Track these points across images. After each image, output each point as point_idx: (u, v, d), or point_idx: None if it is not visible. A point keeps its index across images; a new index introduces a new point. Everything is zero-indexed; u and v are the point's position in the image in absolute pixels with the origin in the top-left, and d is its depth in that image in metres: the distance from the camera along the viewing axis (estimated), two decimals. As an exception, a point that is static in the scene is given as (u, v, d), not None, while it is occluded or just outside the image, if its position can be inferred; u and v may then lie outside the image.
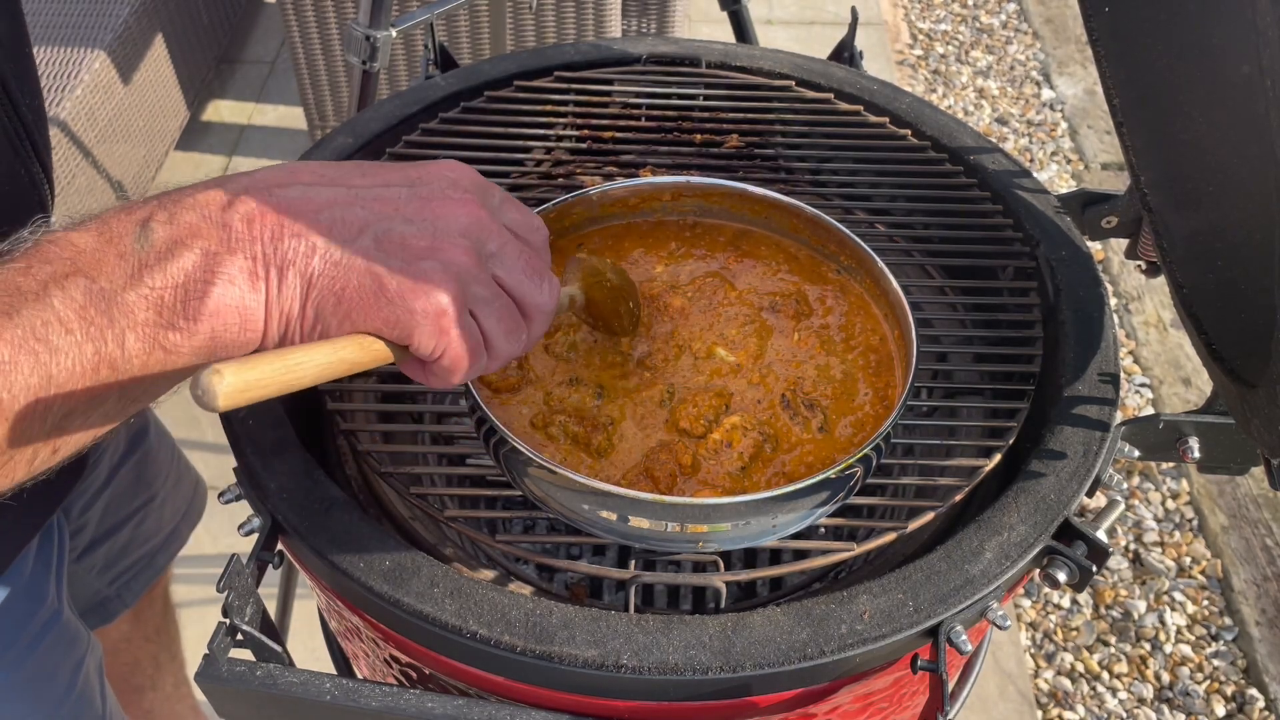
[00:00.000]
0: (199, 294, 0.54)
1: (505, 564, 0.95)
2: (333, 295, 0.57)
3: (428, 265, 0.58)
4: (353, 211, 0.58)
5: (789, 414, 0.84)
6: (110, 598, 1.29)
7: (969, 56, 3.60)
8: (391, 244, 0.58)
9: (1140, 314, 2.66)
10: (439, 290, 0.58)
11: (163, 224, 0.55)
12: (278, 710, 0.71)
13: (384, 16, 1.55)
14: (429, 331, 0.59)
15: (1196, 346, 0.78)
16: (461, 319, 0.60)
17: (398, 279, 0.57)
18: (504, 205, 0.66)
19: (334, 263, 0.57)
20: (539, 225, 0.69)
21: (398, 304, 0.58)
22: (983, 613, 0.75)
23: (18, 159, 0.80)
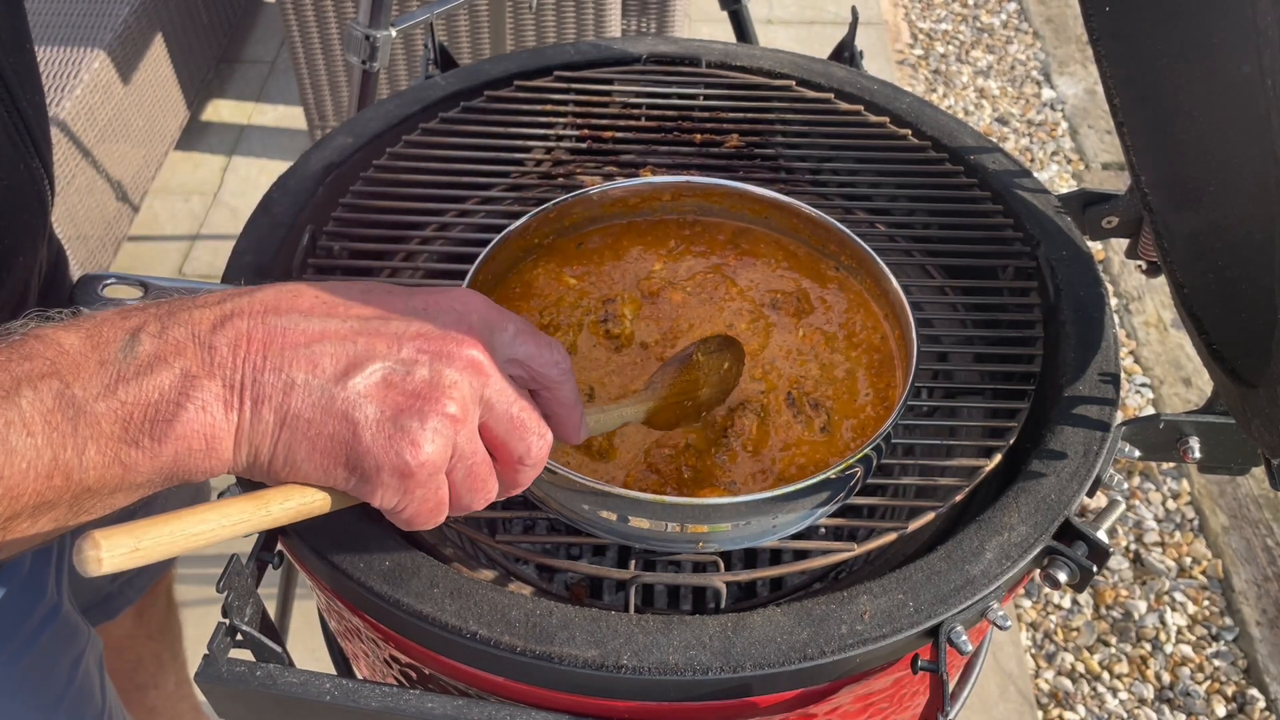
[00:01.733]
0: (168, 416, 0.53)
1: (505, 564, 0.95)
2: (305, 439, 0.55)
3: (410, 423, 0.55)
4: (345, 347, 0.55)
5: (793, 412, 0.84)
6: (113, 594, 1.29)
7: (969, 56, 3.60)
8: (379, 389, 0.55)
9: (1140, 314, 2.66)
10: (416, 451, 0.55)
11: (152, 336, 0.54)
12: (278, 710, 0.71)
13: (384, 16, 1.55)
14: (393, 491, 0.57)
15: (1197, 346, 0.78)
16: (431, 481, 0.58)
17: (374, 432, 0.55)
18: (518, 339, 0.61)
19: (312, 404, 0.54)
20: (558, 359, 0.63)
21: (367, 460, 0.55)
22: (983, 613, 0.75)
23: (17, 154, 0.80)
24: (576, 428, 0.67)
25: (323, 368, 0.54)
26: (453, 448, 0.58)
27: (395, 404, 0.55)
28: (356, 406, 0.54)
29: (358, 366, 0.55)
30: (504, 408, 0.59)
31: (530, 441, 0.61)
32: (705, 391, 0.82)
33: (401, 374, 0.55)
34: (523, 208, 1.04)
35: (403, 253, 1.06)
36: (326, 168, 1.06)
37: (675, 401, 0.80)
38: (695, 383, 0.81)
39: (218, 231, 2.86)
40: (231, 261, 0.96)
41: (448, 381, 0.56)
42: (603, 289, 0.94)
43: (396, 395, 0.55)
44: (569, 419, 0.66)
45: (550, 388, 0.64)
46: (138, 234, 2.81)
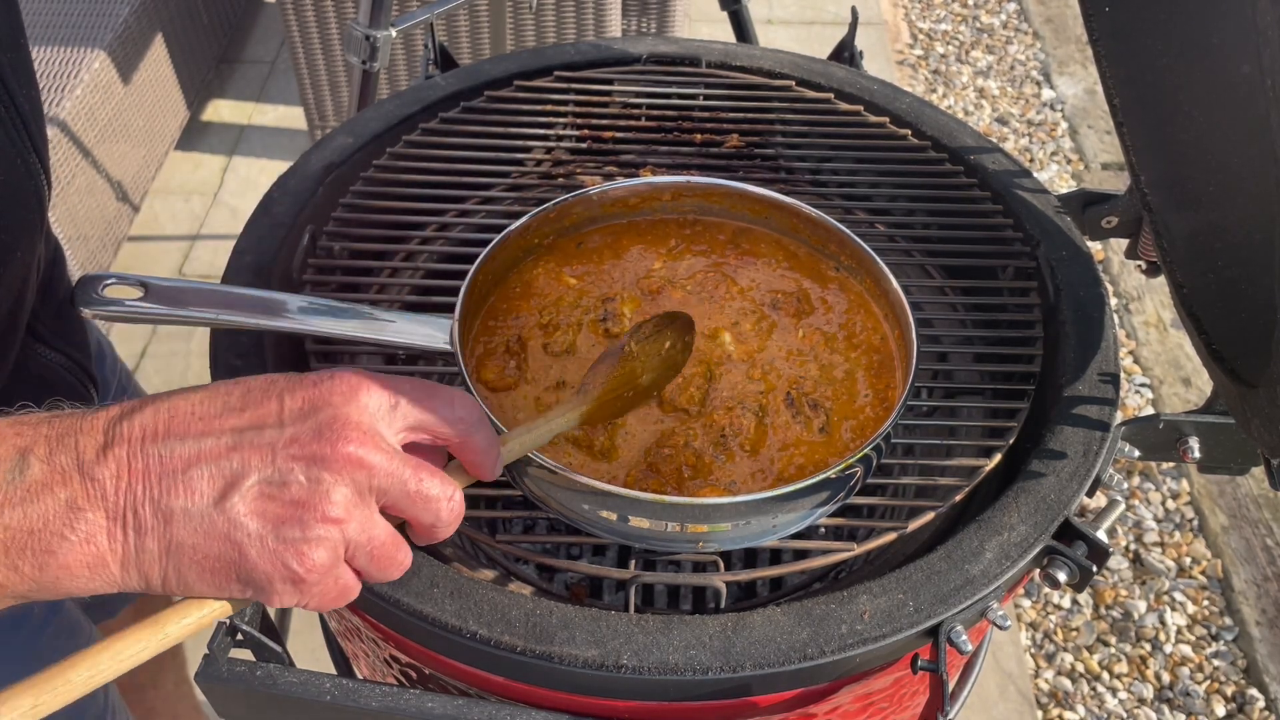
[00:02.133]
0: (50, 546, 0.54)
1: (505, 564, 0.95)
2: (193, 564, 0.56)
3: (293, 533, 0.56)
4: (221, 467, 0.56)
5: (791, 412, 0.85)
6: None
7: (969, 56, 3.60)
8: (258, 504, 0.56)
9: (1140, 314, 2.66)
10: (302, 559, 0.57)
11: (40, 461, 0.55)
12: (278, 710, 0.71)
13: (384, 16, 1.55)
14: (290, 595, 0.58)
15: (1196, 346, 0.78)
16: (325, 575, 0.58)
17: (259, 549, 0.56)
18: (410, 410, 0.61)
19: (194, 530, 0.56)
20: (460, 415, 0.63)
21: (257, 575, 0.57)
22: (983, 613, 0.75)
23: (14, 149, 0.80)
24: (492, 468, 0.67)
25: (201, 492, 0.55)
26: (344, 544, 0.58)
27: (276, 516, 0.56)
28: (238, 527, 0.56)
29: (234, 486, 0.56)
30: (399, 489, 0.60)
31: (437, 509, 0.62)
32: (646, 378, 0.81)
33: (278, 485, 0.56)
34: (523, 208, 1.04)
35: (403, 253, 1.06)
36: (326, 168, 1.06)
37: (613, 397, 0.79)
38: (632, 373, 0.80)
39: (218, 231, 2.86)
40: (232, 261, 0.96)
41: (325, 486, 0.56)
42: (602, 288, 0.94)
43: (276, 507, 0.56)
44: (483, 464, 0.66)
45: (457, 443, 0.64)
46: (138, 234, 2.82)
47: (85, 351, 0.95)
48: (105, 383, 1.10)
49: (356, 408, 0.59)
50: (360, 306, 0.81)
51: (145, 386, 1.55)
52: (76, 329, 0.99)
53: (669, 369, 0.83)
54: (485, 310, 0.92)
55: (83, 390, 0.93)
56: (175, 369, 2.53)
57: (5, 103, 0.79)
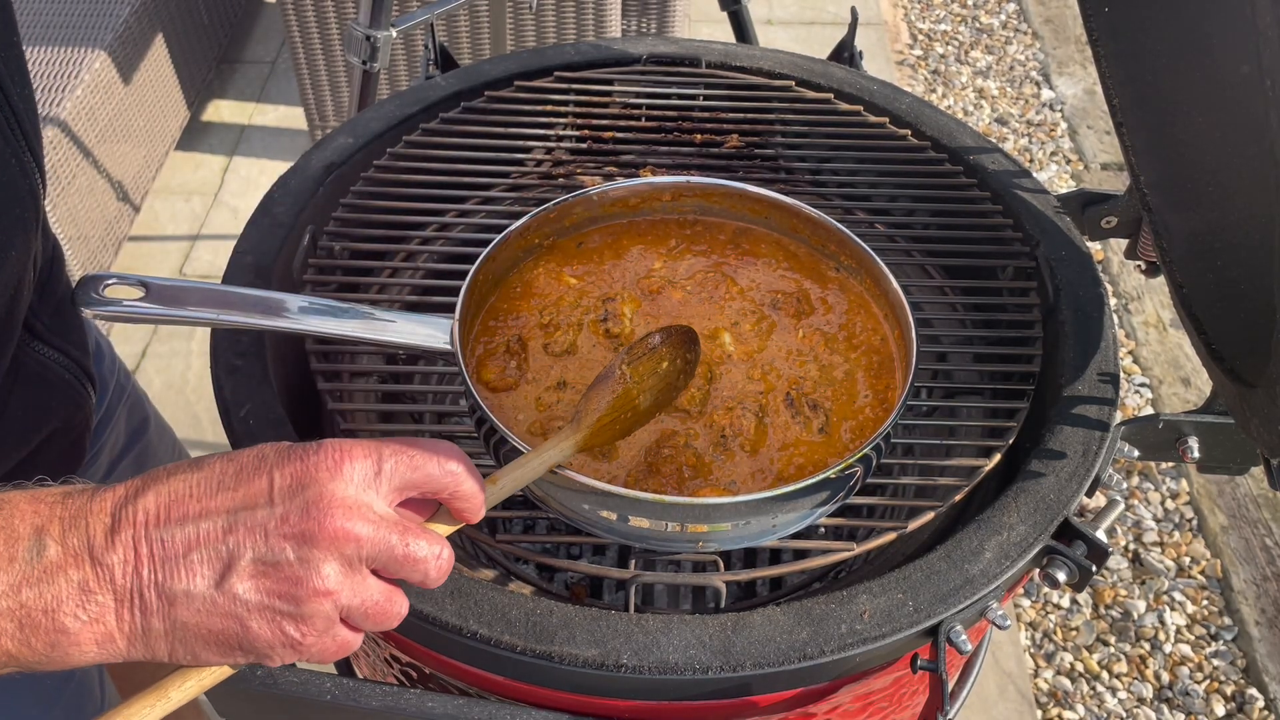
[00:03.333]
0: (61, 626, 0.58)
1: (505, 563, 0.95)
2: (197, 639, 0.60)
3: (288, 607, 0.60)
4: (218, 550, 0.59)
5: (791, 412, 0.85)
6: None
7: (969, 57, 3.60)
8: (255, 581, 0.60)
9: (1140, 314, 2.66)
10: (299, 626, 0.61)
11: (55, 542, 0.59)
12: (278, 710, 0.72)
13: (384, 16, 1.56)
14: (291, 656, 0.62)
15: (1196, 346, 0.78)
16: (322, 639, 0.62)
17: (259, 622, 0.60)
18: (395, 472, 0.63)
19: (196, 611, 0.59)
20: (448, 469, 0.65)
21: (260, 645, 0.61)
22: (982, 612, 0.75)
23: (8, 147, 0.80)
24: (478, 514, 0.69)
25: (201, 574, 0.59)
26: (338, 610, 0.62)
27: (272, 591, 0.60)
28: (238, 603, 0.60)
29: (231, 567, 0.59)
30: (386, 556, 0.62)
31: (425, 569, 0.64)
32: (644, 400, 0.78)
33: (272, 564, 0.60)
34: (523, 208, 1.04)
35: (403, 253, 1.07)
36: (327, 168, 1.06)
37: (609, 422, 0.77)
38: (629, 396, 0.78)
39: (218, 232, 2.86)
40: (232, 262, 0.96)
41: (315, 562, 0.60)
42: (603, 288, 0.95)
43: (271, 583, 0.60)
44: (471, 511, 0.68)
45: (446, 495, 0.66)
46: (138, 234, 2.82)
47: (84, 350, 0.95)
48: (103, 381, 1.10)
49: (342, 481, 0.61)
50: (360, 306, 0.81)
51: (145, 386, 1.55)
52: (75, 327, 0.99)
53: (669, 389, 0.81)
54: (485, 310, 0.92)
55: (80, 388, 0.93)
56: (175, 369, 2.53)
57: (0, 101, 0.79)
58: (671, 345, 0.81)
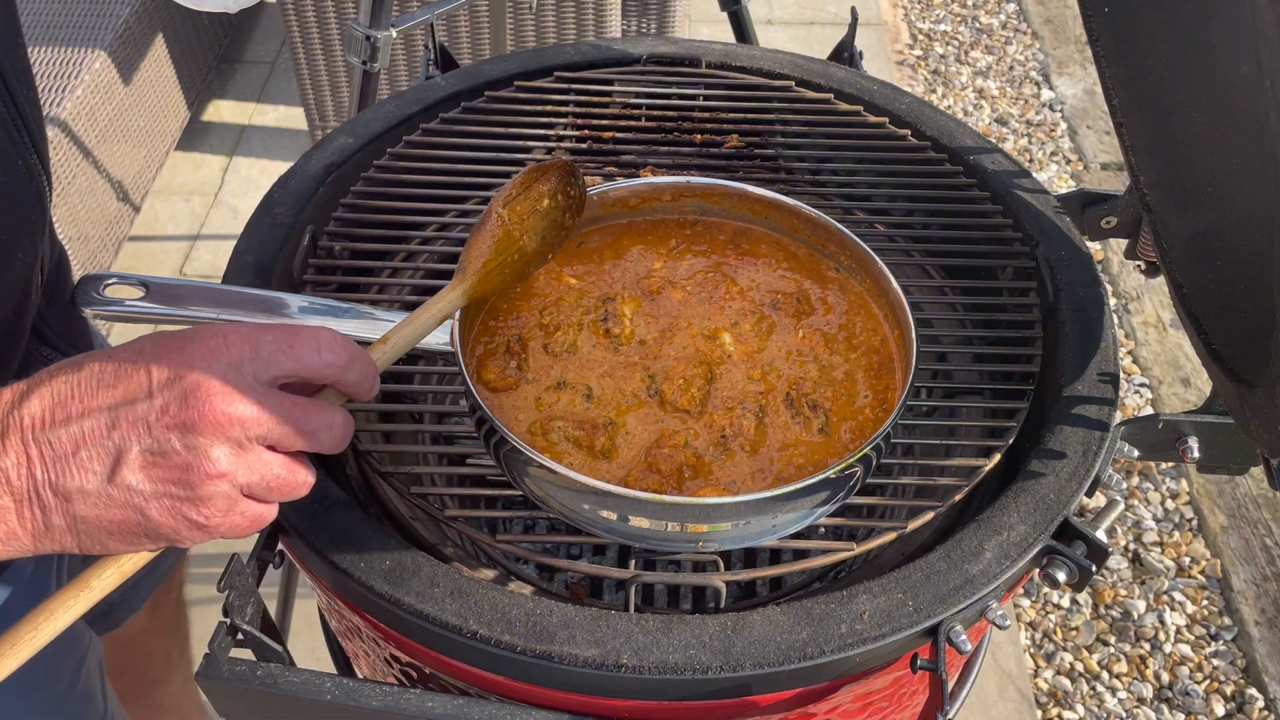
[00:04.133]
0: None
1: (505, 564, 0.95)
2: (101, 531, 0.62)
3: (184, 492, 0.61)
4: (106, 444, 0.60)
5: (791, 413, 0.85)
6: (116, 602, 1.29)
7: (968, 57, 3.60)
8: (146, 472, 0.61)
9: (1140, 314, 2.66)
10: (200, 509, 0.62)
11: None
12: (278, 709, 0.72)
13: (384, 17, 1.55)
14: (199, 536, 0.63)
15: (1196, 346, 0.78)
16: (228, 517, 0.63)
17: (159, 508, 0.61)
18: (274, 360, 0.64)
19: (93, 504, 0.61)
20: (328, 360, 0.66)
21: (164, 530, 0.62)
22: (982, 612, 0.75)
23: (14, 148, 0.80)
24: (369, 393, 0.70)
25: (92, 470, 0.60)
26: (237, 488, 0.63)
27: (165, 479, 0.61)
28: (133, 494, 0.61)
29: (121, 461, 0.60)
30: (276, 432, 0.63)
31: (319, 439, 0.65)
32: (529, 240, 0.77)
33: (160, 452, 0.61)
34: (523, 208, 1.04)
35: (403, 253, 1.07)
36: (327, 168, 1.06)
37: (497, 267, 0.75)
38: (511, 239, 0.77)
39: (219, 232, 2.86)
40: (232, 262, 0.96)
41: (203, 448, 0.61)
42: (603, 288, 0.95)
43: (163, 472, 0.61)
44: (359, 392, 0.69)
45: (330, 382, 0.67)
46: (139, 234, 2.82)
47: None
48: None
49: (219, 367, 0.62)
50: (360, 306, 0.81)
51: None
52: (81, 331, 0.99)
53: (554, 228, 0.78)
54: (486, 310, 0.92)
55: None
56: (175, 369, 2.52)
57: (5, 101, 0.79)
58: (548, 181, 0.78)
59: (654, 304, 0.93)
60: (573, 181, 0.80)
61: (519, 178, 0.78)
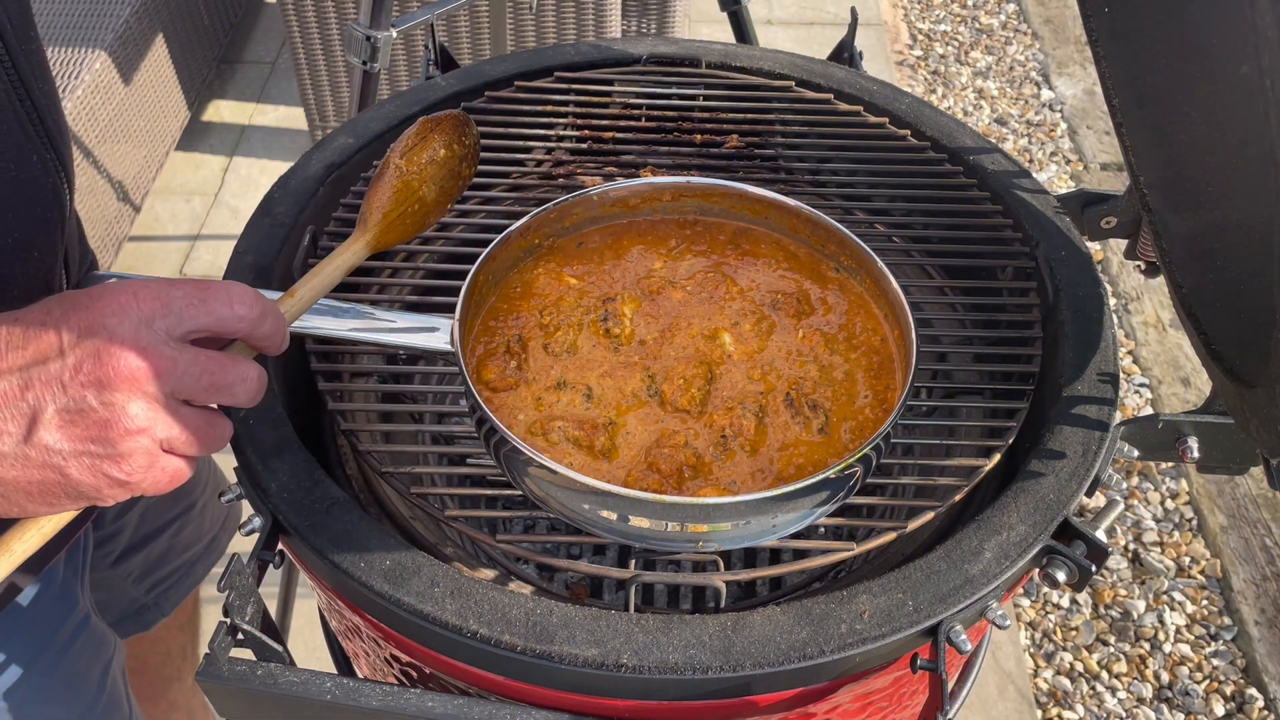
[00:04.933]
0: None
1: (505, 564, 0.95)
2: (21, 493, 0.62)
3: (103, 449, 0.61)
4: (20, 407, 0.60)
5: (791, 412, 0.85)
6: (147, 606, 1.30)
7: (968, 57, 3.60)
8: (63, 430, 0.60)
9: (1139, 314, 2.66)
10: (120, 465, 0.61)
11: None
12: (278, 709, 0.72)
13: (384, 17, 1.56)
14: (121, 494, 0.63)
15: (1196, 346, 0.78)
16: (149, 472, 0.63)
17: (78, 467, 0.61)
18: (185, 316, 0.64)
19: (11, 466, 0.60)
20: (239, 314, 0.66)
21: (84, 489, 0.62)
22: (982, 612, 0.75)
23: (29, 145, 0.80)
24: (278, 347, 0.70)
25: (8, 432, 0.60)
26: (156, 443, 0.63)
27: (83, 437, 0.61)
28: (51, 454, 0.60)
29: (37, 420, 0.60)
30: (191, 387, 0.63)
31: (234, 393, 0.65)
32: (428, 190, 0.77)
33: (76, 410, 0.60)
34: (523, 208, 1.04)
35: (403, 253, 1.07)
36: (327, 168, 1.06)
37: (397, 218, 0.76)
38: (410, 189, 0.77)
39: (219, 232, 2.86)
40: (232, 262, 0.96)
41: (119, 405, 0.61)
42: (603, 288, 0.95)
43: (80, 430, 0.61)
44: (269, 347, 0.69)
45: (241, 336, 0.67)
46: (139, 234, 2.82)
47: None
48: None
49: (130, 323, 0.62)
50: (360, 306, 0.81)
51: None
52: None
53: (451, 177, 0.78)
54: (486, 310, 0.92)
55: None
56: (175, 369, 2.53)
57: (20, 96, 0.78)
58: (443, 131, 0.79)
59: (654, 304, 0.93)
60: (467, 131, 0.81)
61: (414, 129, 0.79)
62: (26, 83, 0.79)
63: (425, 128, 0.79)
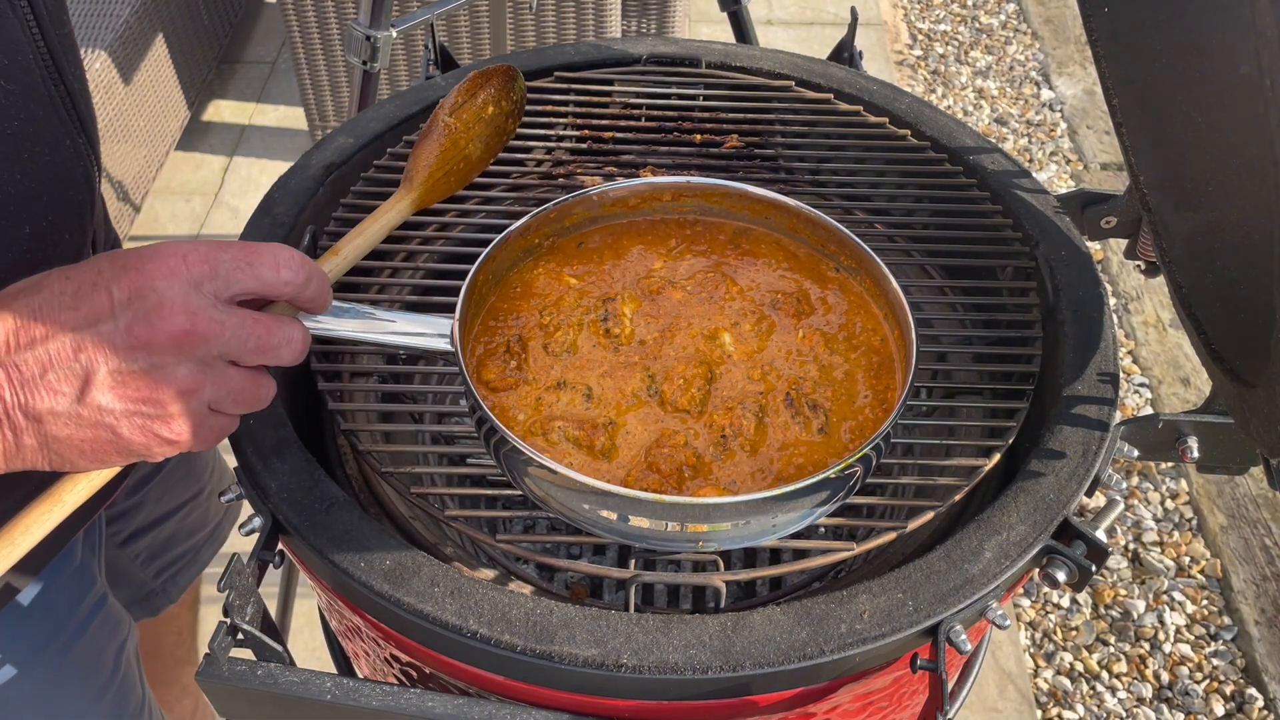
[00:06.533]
0: None
1: (505, 563, 0.95)
2: (73, 450, 0.63)
3: (153, 410, 0.63)
4: (73, 368, 0.61)
5: (791, 412, 0.85)
6: (156, 591, 1.31)
7: (968, 57, 3.60)
8: (116, 390, 0.62)
9: (1139, 314, 2.66)
10: (170, 425, 0.63)
11: None
12: (278, 709, 0.72)
13: (384, 17, 1.56)
14: (171, 450, 0.65)
15: (1196, 346, 0.78)
16: (197, 431, 0.65)
17: (130, 426, 0.63)
18: (233, 279, 0.65)
19: (65, 424, 0.62)
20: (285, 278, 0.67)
21: (135, 447, 0.64)
22: (982, 612, 0.75)
23: (62, 128, 0.80)
24: (325, 303, 0.71)
25: (62, 392, 0.61)
26: (204, 403, 0.64)
27: (135, 397, 0.62)
28: (104, 413, 0.62)
29: (90, 381, 0.62)
30: (238, 349, 0.65)
31: (280, 351, 0.67)
32: (474, 148, 0.77)
33: (128, 372, 0.62)
34: (523, 208, 1.04)
35: (403, 253, 1.07)
36: (327, 168, 1.06)
37: (443, 176, 0.75)
38: (458, 147, 0.77)
39: (219, 232, 2.86)
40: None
41: (169, 367, 0.62)
42: (603, 288, 0.95)
43: (132, 390, 0.62)
44: (315, 308, 0.71)
45: (289, 299, 0.68)
46: (139, 234, 2.82)
47: None
48: None
49: (180, 286, 0.63)
50: (361, 306, 0.81)
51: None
52: None
53: (497, 134, 0.78)
54: (486, 310, 0.92)
55: None
56: (175, 369, 2.53)
57: (55, 81, 0.79)
58: (492, 86, 0.78)
59: (654, 304, 0.93)
60: (514, 85, 0.80)
61: (463, 84, 0.78)
62: (60, 68, 0.79)
63: (475, 83, 0.78)
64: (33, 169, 0.78)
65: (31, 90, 0.77)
